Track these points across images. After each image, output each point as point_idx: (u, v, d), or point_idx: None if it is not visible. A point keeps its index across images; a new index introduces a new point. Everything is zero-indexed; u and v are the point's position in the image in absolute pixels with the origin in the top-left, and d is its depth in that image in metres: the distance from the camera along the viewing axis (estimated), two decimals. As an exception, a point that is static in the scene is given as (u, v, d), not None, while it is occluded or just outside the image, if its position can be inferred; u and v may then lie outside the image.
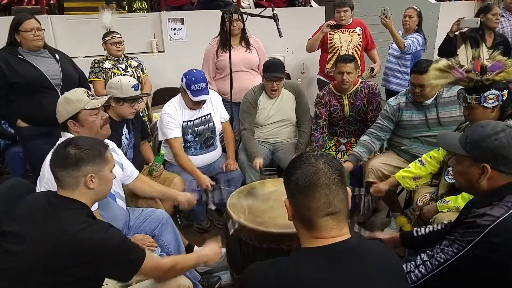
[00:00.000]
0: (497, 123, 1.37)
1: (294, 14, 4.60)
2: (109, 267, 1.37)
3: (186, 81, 2.68)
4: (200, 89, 2.67)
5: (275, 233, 1.83)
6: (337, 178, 1.06)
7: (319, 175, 1.04)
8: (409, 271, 1.40)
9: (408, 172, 2.33)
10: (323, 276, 0.98)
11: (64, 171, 1.41)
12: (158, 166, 2.70)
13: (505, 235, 1.21)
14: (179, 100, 2.84)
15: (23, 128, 2.71)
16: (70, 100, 1.94)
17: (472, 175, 1.35)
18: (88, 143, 1.46)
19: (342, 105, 3.02)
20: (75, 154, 1.41)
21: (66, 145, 1.44)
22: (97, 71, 3.29)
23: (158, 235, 2.17)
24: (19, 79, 2.58)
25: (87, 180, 1.42)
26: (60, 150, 1.44)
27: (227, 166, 2.88)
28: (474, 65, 1.92)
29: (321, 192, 1.03)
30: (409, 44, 3.62)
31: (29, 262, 1.30)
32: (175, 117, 2.77)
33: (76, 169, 1.41)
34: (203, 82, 2.68)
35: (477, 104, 1.92)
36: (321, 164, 1.06)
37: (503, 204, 1.27)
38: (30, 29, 2.58)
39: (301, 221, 1.09)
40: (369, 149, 2.69)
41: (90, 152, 1.44)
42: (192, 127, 2.83)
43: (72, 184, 1.42)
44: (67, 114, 1.94)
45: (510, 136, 1.31)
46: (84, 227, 1.31)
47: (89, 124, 1.96)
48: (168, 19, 4.19)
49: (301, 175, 1.06)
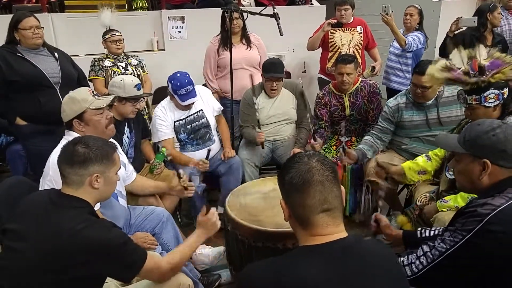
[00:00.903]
0: (492, 120, 1.41)
1: (294, 13, 4.59)
2: (110, 267, 1.37)
3: (172, 86, 2.70)
4: (187, 93, 2.69)
5: (270, 231, 1.82)
6: (330, 175, 1.07)
7: (313, 173, 1.06)
8: (410, 263, 1.41)
9: (415, 165, 2.31)
10: (320, 274, 0.98)
11: (71, 169, 1.42)
12: (159, 164, 2.71)
13: (504, 224, 1.23)
14: (168, 101, 2.85)
15: (22, 126, 2.71)
16: (75, 100, 1.95)
17: (473, 173, 1.37)
18: (97, 143, 1.48)
19: (342, 105, 3.01)
20: (83, 153, 1.43)
21: (76, 143, 1.46)
22: (97, 69, 3.29)
23: (158, 233, 2.18)
24: (18, 77, 2.57)
25: (92, 180, 1.43)
26: (69, 148, 1.46)
27: (224, 155, 2.88)
28: (471, 65, 1.92)
29: (315, 189, 1.05)
30: (410, 41, 3.61)
31: (30, 260, 1.30)
32: (165, 118, 2.81)
33: (83, 168, 1.42)
34: (189, 85, 2.68)
35: (478, 104, 1.92)
36: (314, 162, 1.08)
37: (504, 195, 1.29)
38: (29, 27, 2.58)
39: (297, 220, 1.09)
40: (372, 148, 2.70)
41: (98, 152, 1.45)
42: (184, 125, 2.84)
43: (77, 182, 1.43)
44: (73, 113, 1.95)
45: (506, 131, 1.34)
46: (85, 226, 1.32)
47: (94, 123, 1.97)
48: (168, 17, 4.18)
49: (294, 174, 1.07)
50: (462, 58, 1.98)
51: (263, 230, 1.84)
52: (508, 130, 1.35)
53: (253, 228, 1.86)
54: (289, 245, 1.77)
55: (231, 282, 2.36)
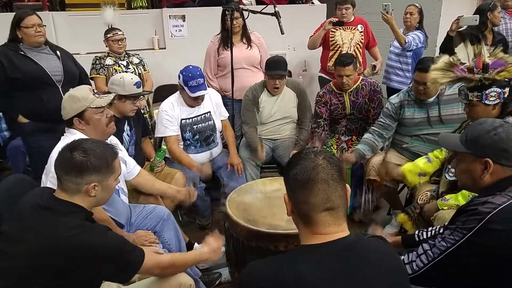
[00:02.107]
0: (494, 120, 1.42)
1: (295, 11, 4.59)
2: (107, 271, 1.36)
3: (183, 77, 2.70)
4: (197, 85, 2.68)
5: (262, 232, 1.80)
6: (336, 174, 1.06)
7: (318, 171, 1.05)
8: (410, 261, 1.41)
9: (416, 167, 2.31)
10: (321, 273, 0.98)
11: (67, 176, 1.37)
12: (160, 162, 2.71)
13: (505, 222, 1.23)
14: (177, 97, 2.84)
15: (24, 124, 2.71)
16: (75, 98, 1.94)
17: (475, 172, 1.38)
18: (97, 151, 1.40)
19: (343, 103, 3.01)
20: (81, 162, 1.36)
21: (73, 149, 1.38)
22: (99, 67, 3.29)
23: (159, 231, 2.18)
24: (20, 75, 2.57)
25: (89, 189, 1.39)
26: (66, 153, 1.39)
27: (233, 168, 2.85)
28: (476, 62, 1.93)
29: (319, 187, 1.04)
30: (409, 40, 3.62)
31: (22, 264, 1.28)
32: (172, 114, 2.79)
33: (79, 177, 1.36)
34: (200, 77, 2.69)
35: (479, 102, 1.93)
36: (320, 160, 1.07)
37: (505, 194, 1.30)
38: (32, 25, 2.58)
39: (299, 216, 1.09)
40: (372, 147, 2.69)
41: (96, 162, 1.38)
42: (190, 125, 2.83)
43: (72, 189, 1.38)
44: (73, 111, 1.94)
45: (508, 131, 1.35)
46: (80, 232, 1.29)
47: (94, 122, 1.96)
48: (169, 15, 4.18)
49: (300, 170, 1.06)
50: (468, 54, 1.98)
51: (255, 229, 1.82)
52: (510, 129, 1.36)
53: (247, 227, 1.84)
54: (281, 248, 1.75)
55: (231, 280, 2.37)
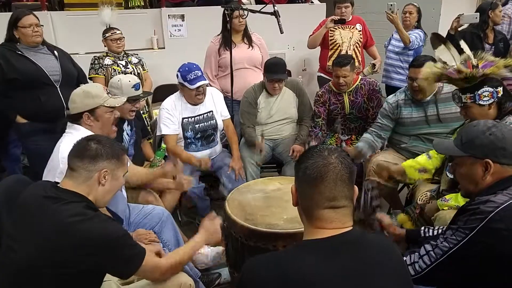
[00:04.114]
0: (486, 121, 1.43)
1: (295, 11, 4.58)
2: (109, 260, 1.37)
3: (181, 74, 2.73)
4: (196, 77, 2.70)
5: (261, 231, 1.80)
6: (346, 175, 1.06)
7: (328, 169, 1.05)
8: (412, 262, 1.40)
9: (416, 163, 2.32)
10: (323, 268, 0.97)
11: (81, 162, 1.44)
12: (160, 161, 2.69)
13: (507, 221, 1.23)
14: (178, 96, 2.83)
15: (22, 125, 2.70)
16: (89, 94, 1.98)
17: (476, 174, 1.37)
18: (109, 142, 1.52)
19: (342, 103, 3.01)
20: (95, 148, 1.46)
21: (89, 139, 1.50)
22: (97, 67, 3.28)
23: (158, 232, 2.16)
24: (18, 75, 2.57)
25: (100, 176, 1.45)
26: (82, 142, 1.49)
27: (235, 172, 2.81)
28: (465, 65, 1.94)
29: (325, 185, 1.04)
30: (413, 39, 3.62)
31: (28, 256, 1.30)
32: (173, 113, 2.78)
33: (93, 163, 1.44)
34: (197, 70, 2.73)
35: (473, 103, 1.94)
36: (333, 159, 1.06)
37: (507, 193, 1.29)
38: (29, 25, 2.58)
39: (303, 209, 1.10)
40: (371, 146, 2.69)
41: (109, 150, 1.48)
42: (192, 123, 2.82)
43: (84, 176, 1.44)
44: (84, 107, 1.96)
45: (502, 130, 1.35)
46: (81, 219, 1.31)
47: (104, 120, 2.01)
48: (168, 15, 4.17)
49: (311, 165, 1.06)
50: (453, 55, 1.99)
51: (253, 229, 1.82)
52: (504, 128, 1.37)
53: (245, 226, 1.84)
54: (280, 247, 1.74)
55: (230, 280, 2.36)
